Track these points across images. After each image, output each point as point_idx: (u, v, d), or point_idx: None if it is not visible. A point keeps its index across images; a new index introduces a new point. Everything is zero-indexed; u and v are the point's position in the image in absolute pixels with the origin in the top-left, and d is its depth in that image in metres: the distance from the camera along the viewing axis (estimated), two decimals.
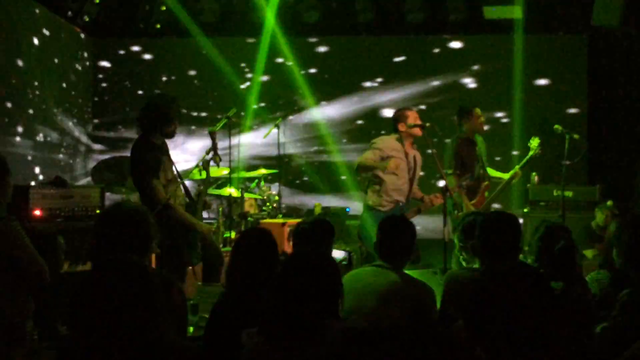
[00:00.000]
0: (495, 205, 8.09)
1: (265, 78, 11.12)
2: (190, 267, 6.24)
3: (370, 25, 10.54)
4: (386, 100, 10.92)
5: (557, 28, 10.80)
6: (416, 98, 10.99)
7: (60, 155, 10.28)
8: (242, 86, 11.19)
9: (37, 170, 9.52)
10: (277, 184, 9.19)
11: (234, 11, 10.63)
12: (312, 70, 11.14)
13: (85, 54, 11.32)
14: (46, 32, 9.82)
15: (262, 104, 11.14)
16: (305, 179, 11.15)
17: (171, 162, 6.27)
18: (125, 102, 11.56)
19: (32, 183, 8.62)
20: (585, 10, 10.29)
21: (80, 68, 11.09)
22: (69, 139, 10.59)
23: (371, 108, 11.03)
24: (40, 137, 9.70)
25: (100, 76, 11.68)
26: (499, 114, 10.79)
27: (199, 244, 6.22)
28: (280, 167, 9.15)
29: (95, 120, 11.58)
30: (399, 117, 7.25)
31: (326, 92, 11.12)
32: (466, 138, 7.73)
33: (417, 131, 7.10)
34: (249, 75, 11.21)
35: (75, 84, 10.94)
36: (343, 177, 10.75)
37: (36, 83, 9.57)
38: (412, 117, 7.17)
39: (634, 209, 9.56)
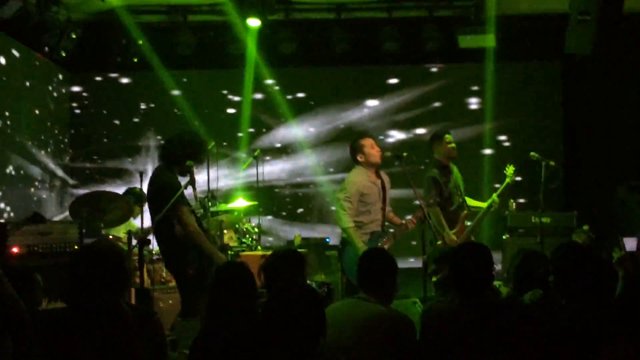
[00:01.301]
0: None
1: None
2: None
3: (346, 56, 10.61)
4: (370, 128, 10.90)
5: (530, 56, 10.92)
6: (397, 126, 11.05)
7: (32, 190, 10.06)
8: (223, 116, 11.19)
9: (5, 205, 9.24)
10: (257, 216, 9.17)
11: (210, 43, 10.67)
12: (293, 99, 11.18)
13: (61, 82, 11.15)
14: (17, 56, 9.72)
15: (240, 134, 11.13)
16: (290, 208, 11.16)
17: (195, 191, 6.35)
18: (102, 132, 11.40)
19: (1, 220, 8.52)
20: (558, 38, 10.44)
21: (55, 95, 10.92)
22: (42, 172, 10.35)
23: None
24: (10, 170, 9.47)
25: (75, 104, 11.46)
26: (475, 142, 10.83)
27: None
28: (259, 198, 9.14)
29: (70, 151, 11.34)
30: (355, 148, 7.33)
31: (308, 121, 11.15)
32: (441, 166, 7.78)
33: (376, 159, 7.18)
34: (230, 108, 11.21)
35: (50, 113, 10.75)
36: (329, 207, 10.78)
37: (7, 113, 9.40)
38: (368, 145, 7.24)
39: (611, 233, 9.64)
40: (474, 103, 11.03)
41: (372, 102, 11.22)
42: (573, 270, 3.95)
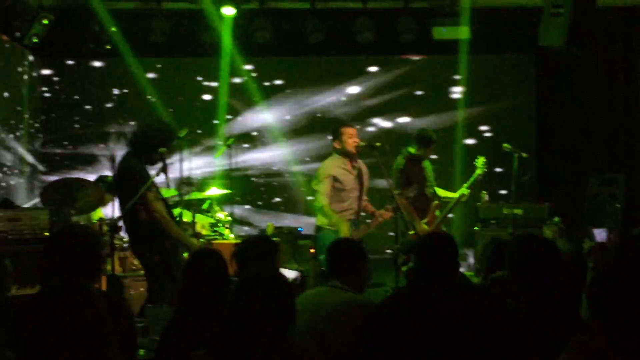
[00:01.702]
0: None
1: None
2: None
3: (320, 46, 10.60)
4: (346, 118, 10.85)
5: (504, 48, 10.97)
6: (372, 115, 11.05)
7: (1, 175, 9.84)
8: (197, 103, 11.11)
9: None
10: (230, 204, 9.13)
11: (184, 31, 10.61)
12: (268, 88, 11.12)
13: (32, 65, 10.90)
14: None
15: (216, 122, 11.05)
16: (264, 197, 11.12)
17: (167, 179, 6.35)
18: (73, 118, 11.20)
19: None
20: (531, 31, 10.50)
21: (26, 78, 10.69)
22: (12, 157, 10.15)
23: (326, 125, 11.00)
24: None
25: (46, 89, 11.23)
26: (447, 133, 10.84)
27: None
28: (233, 187, 9.11)
29: (40, 137, 11.12)
30: (334, 134, 7.36)
31: (283, 109, 11.10)
32: (412, 159, 7.82)
33: (351, 148, 7.20)
34: (204, 95, 11.13)
35: (20, 97, 10.54)
36: (303, 197, 10.75)
37: None
38: (347, 134, 7.26)
39: (582, 225, 9.74)
40: (447, 94, 11.04)
41: (349, 90, 11.15)
42: (527, 263, 3.99)
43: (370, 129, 11.10)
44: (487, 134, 11.02)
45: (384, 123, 11.14)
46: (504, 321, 3.48)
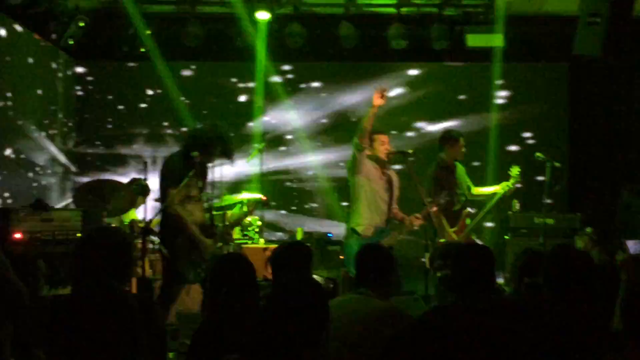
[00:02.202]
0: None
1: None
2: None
3: (354, 52, 10.60)
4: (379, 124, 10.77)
5: (538, 56, 10.89)
6: (405, 124, 10.98)
7: (33, 175, 9.83)
8: (231, 106, 11.09)
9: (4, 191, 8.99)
10: (261, 209, 9.14)
11: (218, 36, 10.67)
12: (300, 97, 11.09)
13: (66, 64, 10.91)
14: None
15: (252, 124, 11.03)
16: (295, 202, 11.09)
17: (202, 182, 6.41)
18: (106, 118, 11.23)
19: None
20: (566, 40, 10.41)
21: (60, 76, 10.69)
22: (45, 157, 10.15)
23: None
24: (9, 153, 9.18)
25: (79, 87, 11.24)
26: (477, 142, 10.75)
27: (202, 265, 6.28)
28: (264, 191, 9.13)
29: (74, 136, 11.14)
30: (369, 140, 7.33)
31: (318, 113, 11.06)
32: (444, 166, 7.78)
33: (382, 155, 7.17)
34: (237, 99, 11.12)
35: (55, 96, 10.54)
36: (333, 202, 10.73)
37: (9, 94, 9.14)
38: (379, 141, 7.24)
39: (614, 236, 9.63)
40: (483, 101, 10.94)
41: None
42: (562, 274, 3.96)
43: (409, 134, 11.01)
44: (518, 143, 10.90)
45: (418, 129, 11.04)
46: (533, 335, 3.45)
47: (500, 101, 10.88)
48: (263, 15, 9.79)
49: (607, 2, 7.49)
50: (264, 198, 7.30)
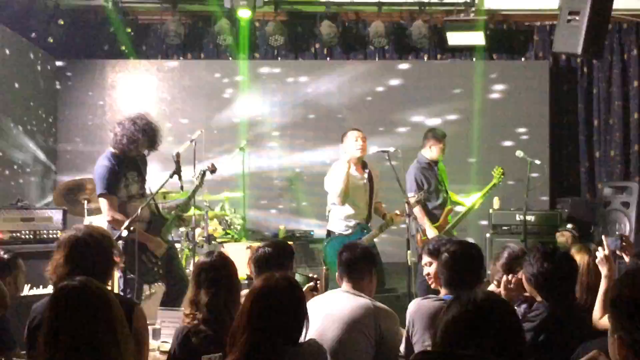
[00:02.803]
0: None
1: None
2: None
3: (334, 50, 10.63)
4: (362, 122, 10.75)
5: (518, 54, 10.94)
6: (387, 121, 10.96)
7: (10, 173, 9.45)
8: (214, 104, 10.96)
9: None
10: (242, 207, 9.13)
11: (199, 34, 10.65)
12: (282, 95, 11.03)
13: (46, 59, 10.55)
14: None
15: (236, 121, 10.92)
16: (277, 200, 11.01)
17: (140, 178, 6.27)
18: (87, 115, 10.86)
19: None
20: (547, 37, 10.50)
21: (39, 69, 10.38)
22: (24, 155, 9.84)
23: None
24: None
25: (59, 84, 10.92)
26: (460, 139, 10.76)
27: (157, 263, 6.21)
28: (246, 189, 9.11)
29: (54, 132, 10.82)
30: (342, 139, 7.35)
31: (303, 111, 10.98)
32: (426, 163, 7.80)
33: (354, 152, 7.19)
34: (220, 97, 11.02)
35: (33, 93, 10.23)
36: (315, 200, 10.68)
37: None
38: (351, 138, 7.25)
39: (594, 233, 9.70)
40: (460, 99, 10.95)
41: (362, 94, 10.99)
42: (543, 271, 4.00)
43: (390, 130, 10.97)
44: (499, 140, 10.91)
45: (401, 127, 11.00)
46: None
47: (491, 96, 10.87)
48: (244, 13, 9.75)
49: (587, 0, 7.53)
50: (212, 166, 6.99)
